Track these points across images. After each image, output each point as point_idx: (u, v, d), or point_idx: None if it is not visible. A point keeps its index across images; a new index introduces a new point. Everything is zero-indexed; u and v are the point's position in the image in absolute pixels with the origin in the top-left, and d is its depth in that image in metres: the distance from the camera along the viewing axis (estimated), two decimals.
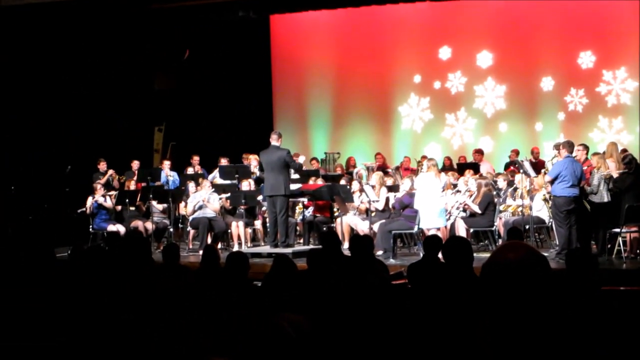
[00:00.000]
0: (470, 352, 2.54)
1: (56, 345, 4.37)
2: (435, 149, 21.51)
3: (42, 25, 18.56)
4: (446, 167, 18.68)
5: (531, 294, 2.48)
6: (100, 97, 20.22)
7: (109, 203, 16.44)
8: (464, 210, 15.04)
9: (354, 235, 10.67)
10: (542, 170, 15.19)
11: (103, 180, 17.53)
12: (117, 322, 5.05)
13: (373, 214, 15.08)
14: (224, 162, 17.92)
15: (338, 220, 15.82)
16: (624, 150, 14.74)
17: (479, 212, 14.66)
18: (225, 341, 2.82)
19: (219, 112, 22.55)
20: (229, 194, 16.29)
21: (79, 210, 17.04)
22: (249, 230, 16.59)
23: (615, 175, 13.50)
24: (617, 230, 13.26)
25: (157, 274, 6.51)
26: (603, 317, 4.85)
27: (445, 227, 14.53)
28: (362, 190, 15.74)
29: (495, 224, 14.79)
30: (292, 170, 15.48)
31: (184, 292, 5.98)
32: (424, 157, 17.73)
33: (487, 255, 14.28)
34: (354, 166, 19.85)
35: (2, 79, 18.49)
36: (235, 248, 15.50)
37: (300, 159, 16.14)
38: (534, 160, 17.70)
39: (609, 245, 13.49)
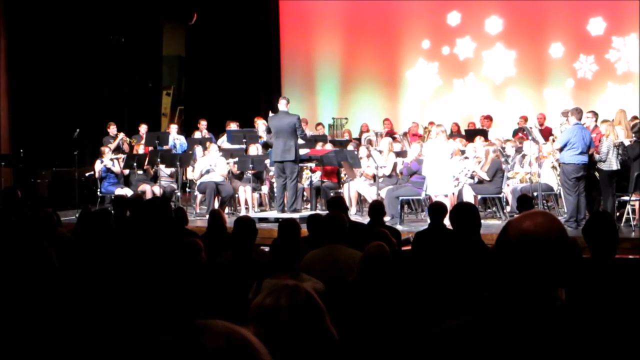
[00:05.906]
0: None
1: (63, 305, 4.38)
2: (443, 114, 21.42)
3: None
4: (453, 134, 18.62)
5: (550, 263, 2.41)
6: (109, 61, 20.16)
7: (117, 167, 16.44)
8: (472, 177, 14.99)
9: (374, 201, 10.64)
10: (551, 138, 15.11)
11: (114, 144, 17.51)
12: (122, 284, 5.07)
13: (380, 180, 15.05)
14: (233, 126, 17.88)
15: (345, 185, 15.81)
16: (634, 118, 14.65)
17: (487, 179, 14.60)
18: (232, 305, 2.82)
19: (226, 77, 22.51)
20: (236, 159, 16.27)
21: (87, 174, 17.08)
22: (256, 195, 16.59)
23: (626, 143, 13.45)
24: (626, 198, 13.24)
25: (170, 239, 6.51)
26: (615, 286, 4.84)
27: (453, 193, 14.51)
28: (369, 155, 15.70)
29: (503, 190, 14.74)
30: None
31: (192, 257, 6.00)
32: (431, 123, 17.69)
33: (494, 222, 14.29)
34: (367, 132, 19.78)
35: (13, 43, 18.47)
36: (242, 213, 15.49)
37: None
38: (539, 127, 17.63)
39: (617, 213, 13.47)
